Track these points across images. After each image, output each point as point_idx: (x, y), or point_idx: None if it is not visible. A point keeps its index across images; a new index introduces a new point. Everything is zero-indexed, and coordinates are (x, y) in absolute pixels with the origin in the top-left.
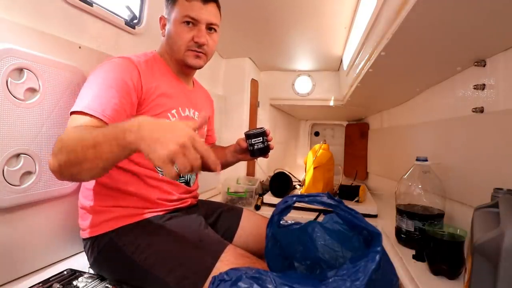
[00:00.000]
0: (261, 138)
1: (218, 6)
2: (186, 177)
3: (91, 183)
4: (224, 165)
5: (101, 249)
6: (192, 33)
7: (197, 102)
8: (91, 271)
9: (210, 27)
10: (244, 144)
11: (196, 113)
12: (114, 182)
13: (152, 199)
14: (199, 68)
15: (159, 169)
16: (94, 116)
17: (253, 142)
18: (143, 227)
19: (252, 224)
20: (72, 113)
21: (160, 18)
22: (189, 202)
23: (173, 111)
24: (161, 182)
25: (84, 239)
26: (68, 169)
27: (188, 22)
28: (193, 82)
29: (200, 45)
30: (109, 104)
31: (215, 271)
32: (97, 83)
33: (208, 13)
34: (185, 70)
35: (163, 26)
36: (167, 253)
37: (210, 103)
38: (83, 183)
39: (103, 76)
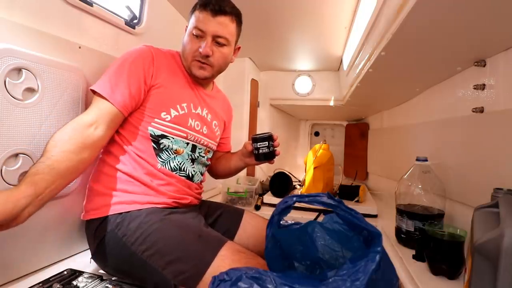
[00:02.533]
0: (267, 142)
1: (234, 19)
2: (187, 171)
3: (103, 166)
4: (232, 171)
5: (102, 239)
6: (199, 43)
7: (212, 105)
8: (91, 271)
9: (217, 40)
10: (250, 147)
11: (210, 115)
12: (123, 165)
13: (153, 186)
14: (204, 78)
15: (159, 159)
16: (106, 98)
17: (258, 146)
18: (144, 219)
19: (253, 226)
20: (93, 91)
21: (185, 29)
22: (189, 200)
23: (184, 105)
24: (160, 173)
25: (87, 226)
26: None
27: (196, 33)
28: (213, 87)
29: (204, 56)
30: (119, 90)
31: (213, 266)
32: (115, 67)
33: (216, 25)
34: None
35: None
36: (166, 246)
37: (228, 110)
38: (96, 166)
39: (121, 62)
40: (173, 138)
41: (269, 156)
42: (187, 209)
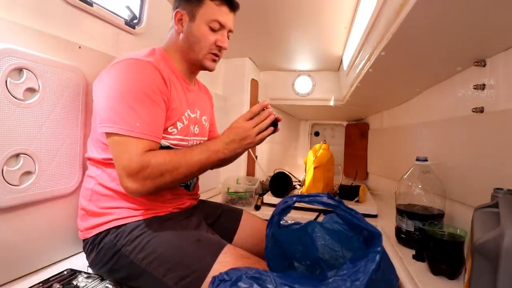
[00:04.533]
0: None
1: None
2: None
3: (91, 183)
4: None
5: (100, 249)
6: (215, 36)
7: (199, 101)
8: (90, 271)
9: (229, 34)
10: None
11: (199, 111)
12: (114, 182)
13: (149, 201)
14: (212, 70)
15: None
16: (148, 139)
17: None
18: (142, 227)
19: (251, 225)
20: (121, 135)
21: (176, 13)
22: (188, 204)
23: (186, 114)
24: None
25: (84, 244)
26: (165, 185)
27: (215, 26)
28: (195, 81)
29: (220, 49)
30: (157, 126)
31: (214, 272)
32: (134, 98)
33: (232, 20)
34: (195, 70)
35: (179, 21)
36: (165, 253)
37: (209, 98)
38: (83, 184)
39: (136, 90)
40: (176, 148)
41: (274, 125)
42: (186, 213)
